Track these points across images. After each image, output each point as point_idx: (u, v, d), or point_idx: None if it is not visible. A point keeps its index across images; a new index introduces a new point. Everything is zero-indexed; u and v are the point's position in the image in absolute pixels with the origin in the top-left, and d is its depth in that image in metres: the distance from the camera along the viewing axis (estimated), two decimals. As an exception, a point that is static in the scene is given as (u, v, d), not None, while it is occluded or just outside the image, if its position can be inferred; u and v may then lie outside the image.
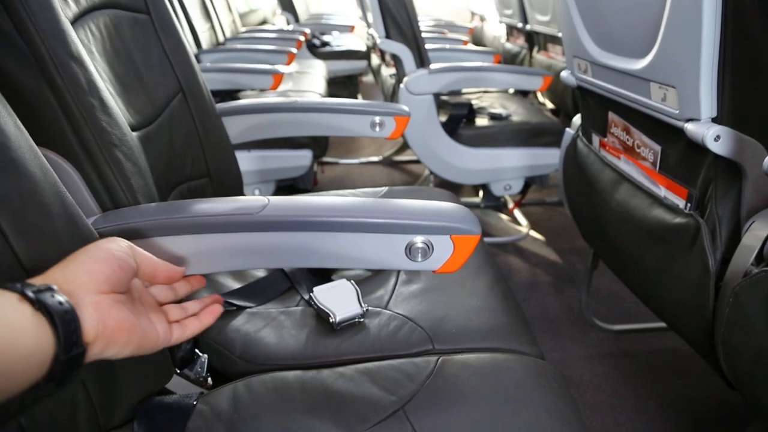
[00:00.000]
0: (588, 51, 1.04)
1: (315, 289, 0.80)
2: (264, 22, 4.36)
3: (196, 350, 0.76)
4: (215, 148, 1.05)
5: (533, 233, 2.07)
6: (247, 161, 1.63)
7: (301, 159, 1.64)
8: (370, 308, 0.78)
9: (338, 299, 0.78)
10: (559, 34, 2.45)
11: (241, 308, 0.81)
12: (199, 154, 1.01)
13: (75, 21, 0.73)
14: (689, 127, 0.77)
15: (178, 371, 0.74)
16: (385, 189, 1.14)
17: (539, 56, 2.84)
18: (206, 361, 0.75)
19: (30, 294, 0.37)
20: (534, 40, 2.93)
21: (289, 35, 3.05)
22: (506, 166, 1.81)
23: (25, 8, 0.62)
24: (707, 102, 0.75)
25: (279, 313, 0.80)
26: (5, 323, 0.35)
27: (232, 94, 1.93)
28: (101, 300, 0.43)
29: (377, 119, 1.11)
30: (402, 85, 1.78)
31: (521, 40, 3.12)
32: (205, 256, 0.62)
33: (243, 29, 3.36)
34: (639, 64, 0.88)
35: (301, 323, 0.77)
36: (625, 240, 1.02)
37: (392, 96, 2.10)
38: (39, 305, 0.37)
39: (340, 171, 2.68)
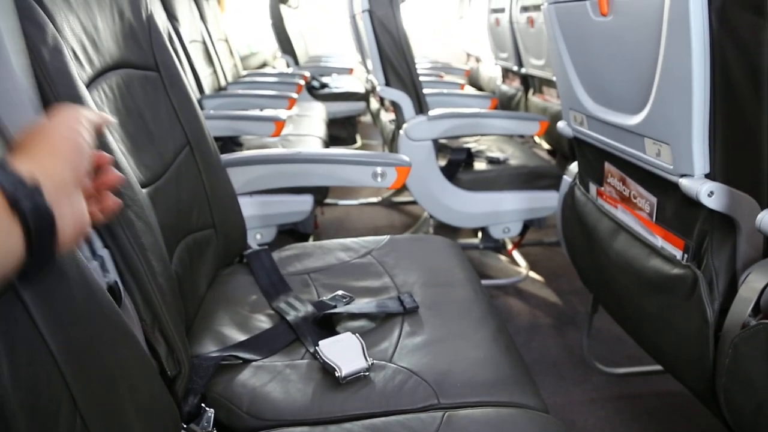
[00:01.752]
0: (583, 104, 1.08)
1: (321, 342, 0.81)
2: (264, 64, 4.44)
3: (203, 405, 0.76)
4: (220, 199, 1.07)
5: (532, 274, 2.08)
6: (248, 206, 1.65)
7: (302, 204, 1.66)
8: (375, 362, 0.79)
9: (344, 353, 0.78)
10: (554, 78, 2.51)
11: (246, 361, 0.82)
12: (204, 206, 1.03)
13: (89, 84, 0.76)
14: (683, 183, 0.80)
15: (185, 426, 0.74)
16: (387, 238, 1.16)
17: (535, 99, 2.89)
18: (212, 415, 0.75)
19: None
20: (529, 82, 2.99)
21: (289, 78, 3.12)
22: (505, 209, 1.83)
23: (45, 76, 0.65)
24: (700, 159, 0.78)
25: (285, 366, 0.80)
26: None
27: (233, 139, 1.96)
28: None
29: (379, 170, 1.13)
30: (402, 132, 1.81)
31: (517, 83, 3.19)
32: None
33: (244, 72, 3.43)
34: (633, 120, 0.91)
35: (307, 377, 0.78)
36: (625, 288, 1.03)
37: (392, 141, 2.14)
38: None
39: (339, 212, 2.71)
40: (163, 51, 1.02)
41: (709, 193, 0.76)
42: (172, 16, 2.40)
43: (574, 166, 1.28)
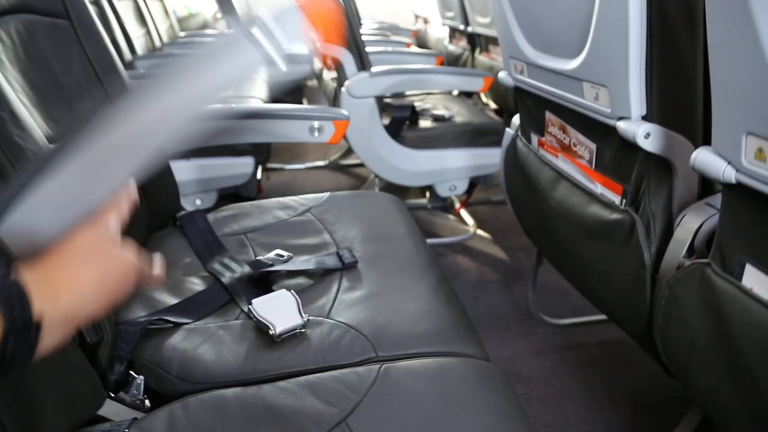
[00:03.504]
0: (523, 52, 1.06)
1: (254, 300, 0.77)
2: (205, 26, 4.27)
3: (131, 372, 0.72)
4: (148, 158, 1.01)
5: (480, 232, 2.09)
6: (185, 171, 1.58)
7: (243, 166, 1.60)
8: (311, 318, 0.76)
9: (278, 310, 0.75)
10: (499, 35, 2.49)
11: (177, 325, 0.78)
12: (130, 165, 0.97)
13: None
14: (621, 125, 0.79)
15: (112, 395, 0.70)
16: (327, 195, 1.12)
17: (481, 57, 2.87)
18: (142, 382, 0.71)
19: None
20: (476, 41, 2.97)
21: (229, 40, 2.99)
22: (450, 167, 1.82)
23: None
24: (637, 101, 0.77)
25: (218, 327, 0.77)
26: None
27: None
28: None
29: (316, 124, 1.09)
30: (343, 89, 1.76)
31: (463, 42, 3.16)
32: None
33: (182, 34, 3.28)
34: (571, 65, 0.89)
35: (241, 337, 0.75)
36: (565, 237, 1.03)
37: (334, 100, 2.08)
38: None
39: (286, 177, 2.65)
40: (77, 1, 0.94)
41: (646, 135, 0.75)
42: (96, -29, 2.25)
43: (516, 119, 1.27)
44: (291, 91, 3.64)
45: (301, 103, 3.74)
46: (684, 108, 0.77)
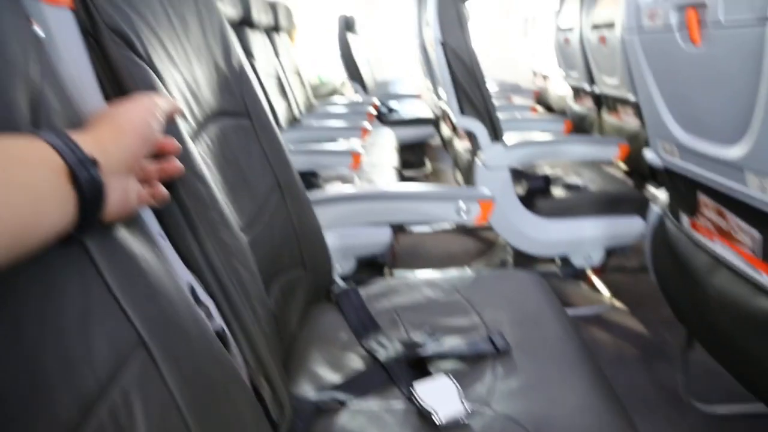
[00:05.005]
0: (673, 134, 1.05)
1: (415, 384, 0.81)
2: (334, 92, 4.55)
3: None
4: (309, 238, 1.10)
5: (615, 302, 2.01)
6: (328, 238, 1.68)
7: (381, 236, 1.68)
8: (472, 406, 0.78)
9: (439, 396, 0.78)
10: (629, 97, 2.45)
11: (343, 404, 0.83)
12: (294, 245, 1.06)
13: (194, 137, 0.81)
14: (795, 221, 0.76)
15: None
16: (472, 273, 1.15)
17: (609, 118, 2.82)
18: (316, 460, 0.77)
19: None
20: (602, 101, 2.92)
21: (360, 107, 3.18)
22: (586, 236, 1.79)
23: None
24: (813, 197, 0.74)
25: (381, 410, 0.81)
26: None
27: (312, 172, 2.01)
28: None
29: (462, 205, 1.14)
30: (478, 161, 1.81)
31: (589, 102, 3.12)
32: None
33: (315, 102, 3.52)
34: (732, 152, 0.88)
35: (404, 421, 0.78)
36: (726, 327, 0.99)
37: (467, 170, 2.14)
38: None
39: (414, 240, 2.71)
40: (254, 98, 1.07)
41: (826, 233, 0.72)
42: (248, 53, 2.50)
43: (662, 195, 1.24)
44: (415, 152, 3.78)
45: (424, 161, 3.86)
46: None
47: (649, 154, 1.19)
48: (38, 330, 0.39)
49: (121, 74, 0.65)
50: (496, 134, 1.87)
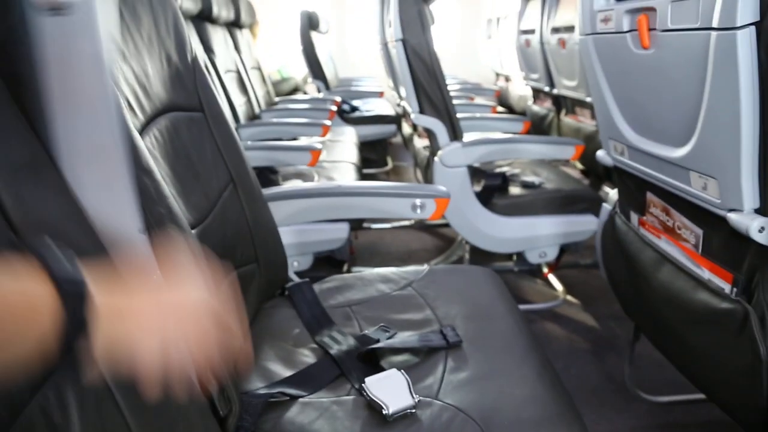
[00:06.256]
0: (624, 135, 1.07)
1: (367, 379, 0.81)
2: (296, 89, 4.52)
3: (252, 444, 0.77)
4: (263, 234, 1.09)
5: (569, 297, 2.05)
6: (285, 235, 1.65)
7: (339, 232, 1.68)
8: (421, 398, 0.79)
9: (390, 389, 0.79)
10: (587, 99, 2.50)
11: (293, 398, 0.83)
12: (248, 241, 1.05)
13: (142, 130, 0.79)
14: (732, 217, 0.79)
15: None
16: (426, 268, 1.16)
17: (567, 119, 2.88)
18: (262, 454, 0.76)
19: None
20: (561, 102, 2.99)
21: (321, 104, 3.17)
22: (541, 234, 1.82)
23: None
24: (750, 194, 0.77)
25: (331, 403, 0.81)
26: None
27: (270, 168, 2.00)
28: None
29: (418, 201, 1.14)
30: (436, 159, 1.82)
31: (548, 103, 3.18)
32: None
33: (277, 99, 3.49)
34: (678, 152, 0.91)
35: (354, 414, 0.78)
36: (669, 320, 1.02)
37: (426, 168, 2.15)
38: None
39: (373, 236, 2.72)
40: (207, 91, 1.05)
41: (760, 229, 0.75)
42: (208, 49, 2.46)
43: (613, 194, 1.27)
44: (376, 149, 3.78)
45: (386, 160, 3.87)
46: (799, 200, 0.76)
47: (600, 153, 1.22)
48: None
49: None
50: (455, 133, 1.89)
